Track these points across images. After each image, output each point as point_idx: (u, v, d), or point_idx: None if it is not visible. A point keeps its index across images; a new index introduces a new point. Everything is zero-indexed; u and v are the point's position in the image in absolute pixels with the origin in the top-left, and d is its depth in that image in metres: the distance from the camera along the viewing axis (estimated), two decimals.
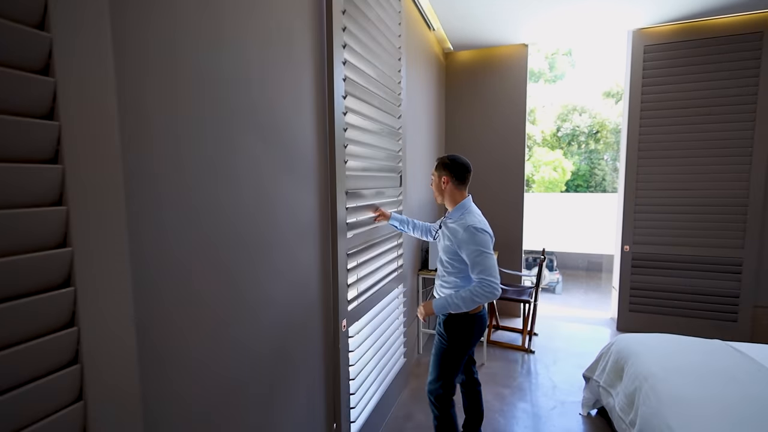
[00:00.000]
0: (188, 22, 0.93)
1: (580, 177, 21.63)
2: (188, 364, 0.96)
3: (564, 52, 25.84)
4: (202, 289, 0.99)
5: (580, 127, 21.67)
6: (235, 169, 1.10)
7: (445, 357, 1.75)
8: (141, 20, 0.81)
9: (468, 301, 1.58)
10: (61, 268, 0.63)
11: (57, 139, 0.62)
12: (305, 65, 1.45)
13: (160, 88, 0.86)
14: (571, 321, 3.89)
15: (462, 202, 1.75)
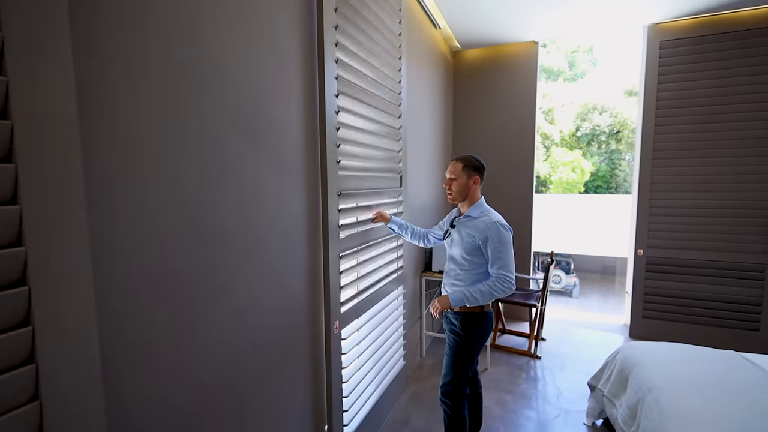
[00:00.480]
0: (161, 14, 0.93)
1: (600, 178, 21.04)
2: (163, 364, 0.96)
3: (585, 50, 25.22)
4: (177, 289, 0.99)
5: (600, 126, 21.09)
6: (214, 167, 1.10)
7: (460, 354, 1.77)
8: (109, 15, 0.81)
9: (486, 294, 1.64)
10: (14, 267, 0.63)
11: (9, 138, 0.61)
12: (293, 63, 1.43)
13: (128, 85, 0.86)
14: (582, 326, 3.77)
15: (480, 201, 1.81)
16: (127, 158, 0.86)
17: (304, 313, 1.58)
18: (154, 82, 0.91)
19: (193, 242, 1.03)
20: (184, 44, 0.98)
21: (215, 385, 1.13)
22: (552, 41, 23.74)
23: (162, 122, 0.94)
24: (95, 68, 0.79)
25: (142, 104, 0.89)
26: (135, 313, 0.89)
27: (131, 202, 0.87)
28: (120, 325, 0.85)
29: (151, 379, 0.93)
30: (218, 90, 1.10)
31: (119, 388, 0.86)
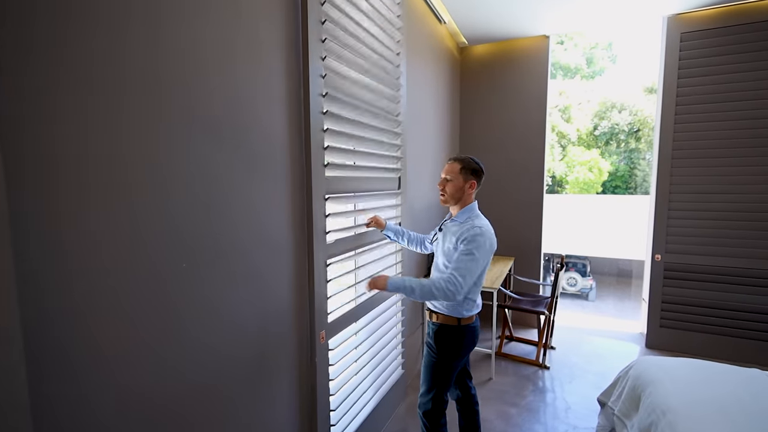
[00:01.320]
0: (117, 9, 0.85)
1: (619, 178, 20.41)
2: (112, 380, 0.88)
3: (604, 46, 24.54)
4: (127, 301, 0.91)
5: (619, 124, 20.48)
6: (181, 169, 1.02)
7: (434, 370, 1.67)
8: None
9: (426, 290, 1.47)
10: None
11: None
12: (273, 61, 1.35)
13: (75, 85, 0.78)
14: (595, 334, 3.59)
15: (471, 205, 1.68)
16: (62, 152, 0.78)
17: (288, 323, 1.49)
18: (112, 83, 0.84)
19: (167, 248, 0.95)
20: (146, 39, 0.91)
21: (191, 396, 1.05)
22: (569, 38, 23.18)
23: (119, 122, 0.86)
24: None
25: (93, 105, 0.81)
26: (67, 330, 0.81)
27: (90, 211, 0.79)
28: (72, 335, 0.78)
29: (104, 393, 0.86)
30: (187, 89, 1.02)
31: (71, 398, 0.78)
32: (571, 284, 12.51)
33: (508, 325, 3.37)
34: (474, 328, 1.67)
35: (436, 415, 1.68)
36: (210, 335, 1.13)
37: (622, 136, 20.49)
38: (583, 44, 22.89)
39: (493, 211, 3.76)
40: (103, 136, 0.84)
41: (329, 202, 1.64)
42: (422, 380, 1.72)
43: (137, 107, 0.91)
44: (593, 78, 24.09)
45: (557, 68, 22.36)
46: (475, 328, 1.68)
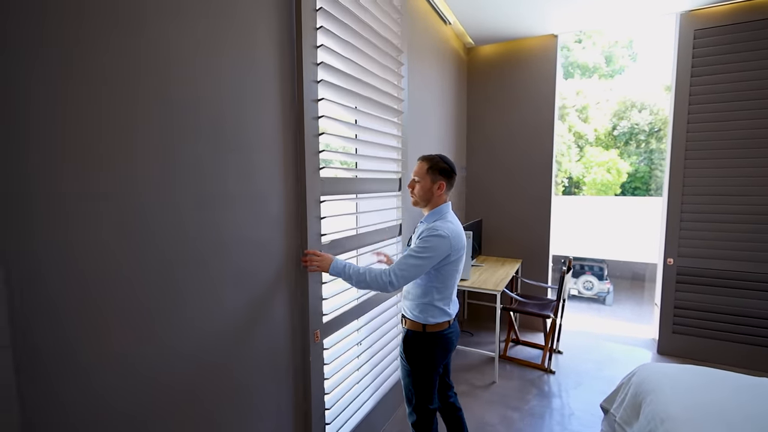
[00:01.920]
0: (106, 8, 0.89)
1: (639, 179, 19.84)
2: (114, 361, 0.91)
3: (623, 45, 23.94)
4: (106, 295, 0.94)
5: (639, 124, 19.93)
6: (172, 169, 1.05)
7: (410, 380, 1.61)
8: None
9: (360, 278, 1.43)
10: None
11: None
12: (267, 65, 1.37)
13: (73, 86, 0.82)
14: (606, 339, 3.51)
15: (440, 207, 1.58)
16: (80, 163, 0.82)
17: (282, 322, 1.52)
18: (103, 81, 0.87)
19: (156, 248, 0.99)
20: (137, 38, 0.94)
21: (184, 389, 1.08)
22: (588, 36, 22.70)
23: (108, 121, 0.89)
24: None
25: (85, 105, 0.85)
26: (52, 330, 0.85)
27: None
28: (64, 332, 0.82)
29: (100, 387, 0.89)
30: (176, 88, 1.05)
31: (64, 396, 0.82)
32: (587, 288, 12.22)
33: (514, 329, 3.33)
34: (444, 336, 1.57)
35: (423, 425, 1.62)
36: (201, 332, 1.16)
37: (642, 136, 19.93)
38: (602, 42, 22.38)
39: (500, 212, 3.73)
40: (91, 135, 0.88)
41: (326, 203, 1.66)
42: (404, 394, 1.68)
43: (127, 105, 0.94)
44: (612, 77, 23.51)
45: (575, 67, 21.93)
46: (446, 336, 1.57)
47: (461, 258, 1.55)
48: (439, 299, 1.54)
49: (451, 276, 1.54)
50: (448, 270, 1.52)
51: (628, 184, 19.73)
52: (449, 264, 1.51)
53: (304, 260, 1.53)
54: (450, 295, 1.58)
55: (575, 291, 11.87)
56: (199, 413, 1.18)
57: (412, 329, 1.59)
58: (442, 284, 1.53)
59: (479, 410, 2.42)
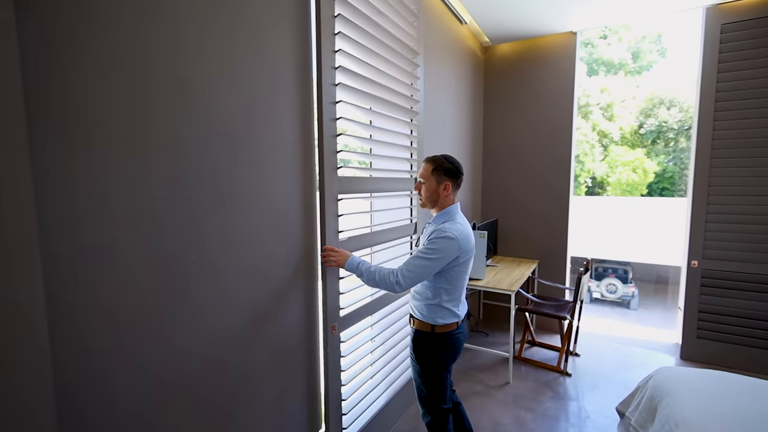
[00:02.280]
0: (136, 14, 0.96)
1: (667, 179, 19.10)
2: (125, 361, 0.99)
3: (652, 39, 23.08)
4: (142, 282, 1.02)
5: (668, 122, 19.19)
6: (197, 168, 1.12)
7: (422, 382, 1.64)
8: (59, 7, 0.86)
9: (370, 276, 1.47)
10: None
11: None
12: (285, 68, 1.44)
13: (100, 85, 0.90)
14: (627, 343, 3.43)
15: (448, 208, 1.58)
16: (96, 158, 0.90)
17: (301, 314, 1.59)
18: (127, 80, 0.95)
19: (181, 241, 1.06)
20: (164, 44, 1.02)
21: (206, 376, 1.15)
22: (613, 31, 22.00)
23: (135, 123, 0.97)
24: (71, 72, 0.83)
25: (115, 103, 0.93)
26: (90, 311, 0.93)
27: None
28: (89, 322, 0.90)
29: (124, 373, 0.97)
30: (199, 90, 1.12)
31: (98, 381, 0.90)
32: (610, 291, 11.87)
33: (530, 330, 3.30)
34: (452, 336, 1.58)
35: (438, 424, 1.64)
36: (223, 322, 1.23)
37: (671, 135, 19.17)
38: (629, 38, 21.65)
39: (517, 212, 3.70)
40: (125, 131, 0.95)
41: (343, 201, 1.71)
42: (415, 392, 1.71)
43: (153, 105, 1.02)
44: (640, 73, 22.70)
45: (599, 64, 21.30)
46: (455, 336, 1.58)
47: (470, 260, 1.56)
48: (447, 300, 1.55)
49: (459, 278, 1.55)
50: (456, 272, 1.53)
51: (656, 184, 19.03)
52: (458, 266, 1.51)
53: (323, 255, 1.58)
54: (459, 297, 1.58)
55: (598, 294, 11.56)
56: (216, 402, 1.25)
57: (420, 329, 1.61)
58: (451, 286, 1.54)
59: (492, 410, 2.42)
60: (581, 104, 18.49)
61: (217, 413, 1.24)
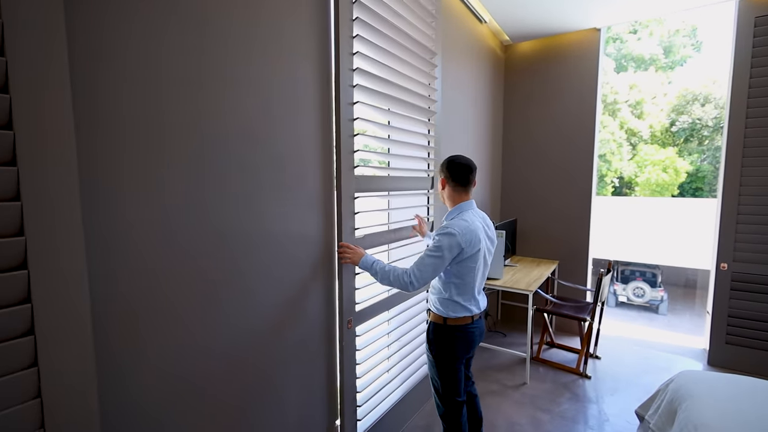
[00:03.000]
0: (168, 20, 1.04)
1: (700, 179, 18.24)
2: (156, 353, 1.07)
3: (686, 33, 22.06)
4: (171, 281, 1.10)
5: (702, 119, 18.31)
6: (219, 170, 1.19)
7: (436, 372, 1.68)
8: (110, 18, 0.94)
9: (385, 275, 1.54)
10: (16, 254, 0.76)
11: (12, 145, 0.74)
12: (305, 71, 1.49)
13: (120, 89, 0.98)
14: (651, 347, 3.33)
15: (459, 205, 1.64)
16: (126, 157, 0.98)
17: (318, 308, 1.65)
18: (155, 88, 1.03)
19: (212, 241, 1.14)
20: (191, 49, 1.09)
21: (229, 368, 1.23)
22: (644, 25, 21.17)
23: (164, 131, 1.05)
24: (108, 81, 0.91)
25: (143, 109, 1.00)
26: (123, 302, 1.01)
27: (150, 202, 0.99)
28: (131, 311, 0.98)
29: (158, 358, 1.05)
30: (222, 94, 1.19)
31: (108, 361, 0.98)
32: (637, 295, 11.44)
33: (549, 331, 3.26)
34: (466, 330, 1.61)
35: (451, 416, 1.69)
36: (245, 316, 1.31)
37: (706, 132, 18.29)
38: (660, 32, 20.79)
39: (536, 212, 3.66)
40: (153, 137, 1.03)
41: (360, 199, 1.76)
42: (431, 383, 1.76)
43: (178, 109, 1.09)
44: (672, 69, 21.75)
45: (628, 60, 20.56)
46: (468, 331, 1.61)
47: (477, 255, 1.56)
48: (457, 294, 1.59)
49: (468, 272, 1.56)
50: (464, 267, 1.55)
51: (688, 184, 18.20)
52: (464, 260, 1.54)
53: (339, 252, 1.65)
54: (470, 291, 1.60)
55: (624, 298, 11.17)
56: (235, 394, 1.32)
57: (434, 321, 1.67)
58: (460, 281, 1.57)
59: (508, 410, 2.42)
60: (609, 102, 17.90)
61: (237, 404, 1.31)
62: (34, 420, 0.79)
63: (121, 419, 1.00)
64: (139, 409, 1.04)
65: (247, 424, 1.35)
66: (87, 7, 0.89)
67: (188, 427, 1.16)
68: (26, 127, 0.75)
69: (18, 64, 0.73)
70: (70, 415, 0.83)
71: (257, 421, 1.39)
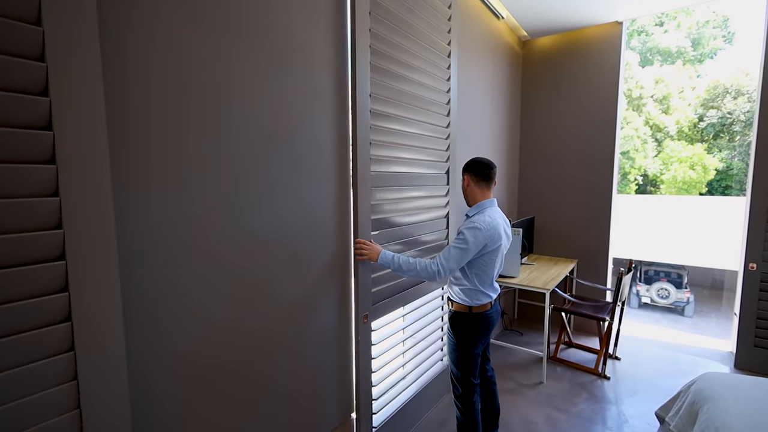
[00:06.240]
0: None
1: (731, 177, 17.46)
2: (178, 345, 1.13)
3: (716, 24, 21.12)
4: (196, 276, 1.15)
5: (733, 113, 17.51)
6: (239, 168, 1.24)
7: (457, 356, 1.79)
8: (137, 30, 0.99)
9: (411, 266, 1.62)
10: (55, 245, 0.82)
11: (52, 145, 0.80)
12: (322, 76, 1.53)
13: (149, 91, 1.03)
14: (675, 349, 3.24)
15: (480, 203, 1.74)
16: (154, 157, 1.03)
17: (335, 303, 1.69)
18: (184, 94, 1.08)
19: (235, 237, 1.19)
20: (215, 58, 1.14)
21: (246, 361, 1.28)
22: (671, 17, 20.37)
23: (176, 122, 1.10)
24: (133, 85, 0.97)
25: (174, 117, 1.06)
26: (153, 295, 1.06)
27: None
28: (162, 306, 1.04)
29: (181, 347, 1.11)
30: (242, 89, 1.24)
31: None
32: (662, 296, 11.07)
33: (567, 330, 3.21)
34: (487, 315, 1.76)
35: (465, 399, 1.79)
36: (265, 310, 1.35)
37: (737, 127, 17.50)
38: (688, 23, 19.97)
39: (554, 210, 3.61)
40: (182, 139, 1.08)
41: (376, 196, 1.79)
42: (450, 371, 1.85)
43: (204, 111, 1.14)
44: (701, 62, 20.88)
45: (654, 53, 19.86)
46: (489, 315, 1.76)
47: (498, 249, 1.70)
48: (480, 284, 1.72)
49: (490, 265, 1.70)
50: (486, 259, 1.68)
51: (717, 182, 17.47)
52: (487, 254, 1.67)
53: (355, 248, 1.69)
54: (490, 281, 1.75)
55: (647, 299, 10.82)
56: (252, 385, 1.37)
57: (459, 311, 1.77)
58: (482, 272, 1.71)
59: (523, 408, 2.40)
60: (633, 96, 17.33)
61: (254, 396, 1.36)
62: (71, 400, 0.85)
63: (149, 402, 1.06)
64: (163, 390, 1.09)
65: (264, 414, 1.40)
66: (129, 17, 0.94)
67: (209, 414, 1.21)
68: (64, 130, 0.80)
69: (56, 73, 0.79)
70: (103, 396, 0.88)
71: (274, 412, 1.44)
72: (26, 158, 0.78)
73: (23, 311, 0.78)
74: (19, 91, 0.76)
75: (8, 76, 0.75)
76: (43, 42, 0.78)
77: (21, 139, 0.77)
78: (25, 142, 0.77)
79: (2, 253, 0.75)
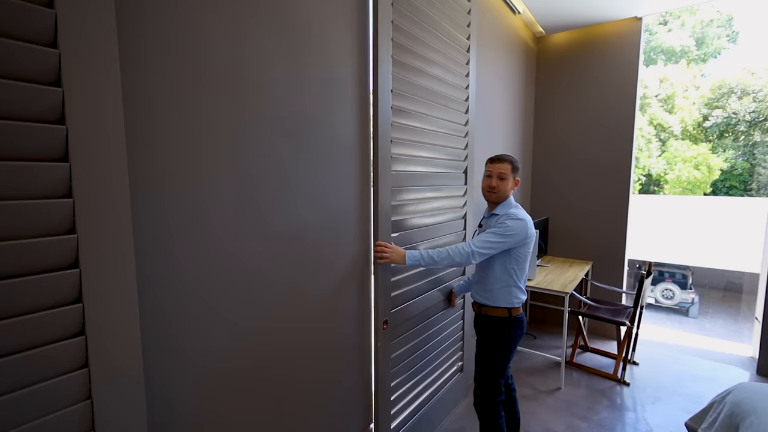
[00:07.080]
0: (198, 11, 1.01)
1: (735, 177, 17.37)
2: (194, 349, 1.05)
3: (720, 23, 21.01)
4: (210, 279, 1.07)
5: (738, 113, 17.42)
6: (257, 166, 1.16)
7: (485, 362, 1.75)
8: (151, 19, 0.91)
9: (442, 254, 1.60)
10: (68, 252, 0.74)
11: (65, 141, 0.72)
12: (344, 69, 1.45)
13: (167, 86, 0.95)
14: (693, 354, 3.16)
15: (510, 199, 1.77)
16: (169, 156, 0.95)
17: (354, 309, 1.61)
18: (199, 93, 1.00)
19: (254, 237, 1.11)
20: (235, 52, 1.06)
21: (265, 368, 1.20)
22: (675, 16, 20.25)
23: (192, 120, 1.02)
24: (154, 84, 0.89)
25: (195, 113, 0.98)
26: (168, 303, 0.98)
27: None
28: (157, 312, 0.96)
29: (201, 356, 1.03)
30: (262, 88, 1.16)
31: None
32: (666, 297, 11.00)
33: (583, 334, 3.13)
34: (522, 319, 1.74)
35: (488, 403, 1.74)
36: (285, 315, 1.27)
37: (742, 127, 17.41)
38: (692, 22, 19.87)
39: (569, 211, 3.53)
40: (200, 136, 1.00)
41: (396, 197, 1.71)
42: (476, 375, 1.78)
43: (222, 106, 1.06)
44: (705, 61, 20.78)
45: (657, 52, 19.76)
46: (523, 318, 1.75)
47: (532, 243, 1.71)
48: (517, 280, 1.70)
49: (525, 259, 1.70)
50: (523, 253, 1.68)
51: (722, 182, 17.38)
52: (524, 246, 1.68)
53: (375, 251, 1.61)
54: (525, 277, 1.74)
55: (651, 299, 10.74)
56: (270, 393, 1.29)
57: (497, 315, 1.71)
58: (519, 267, 1.70)
59: (543, 415, 2.33)
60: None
61: (273, 406, 1.29)
62: (85, 422, 0.77)
63: (167, 413, 0.98)
64: (183, 404, 1.02)
65: (281, 422, 1.32)
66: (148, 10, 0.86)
67: (227, 422, 1.14)
68: (79, 124, 0.72)
69: (69, 62, 0.71)
70: (119, 416, 0.80)
71: (292, 419, 1.36)
72: (36, 155, 0.70)
73: (33, 325, 0.70)
74: (29, 81, 0.68)
75: (17, 64, 0.67)
76: (56, 26, 0.70)
77: (31, 133, 0.69)
78: (36, 137, 0.69)
79: (10, 261, 0.67)
